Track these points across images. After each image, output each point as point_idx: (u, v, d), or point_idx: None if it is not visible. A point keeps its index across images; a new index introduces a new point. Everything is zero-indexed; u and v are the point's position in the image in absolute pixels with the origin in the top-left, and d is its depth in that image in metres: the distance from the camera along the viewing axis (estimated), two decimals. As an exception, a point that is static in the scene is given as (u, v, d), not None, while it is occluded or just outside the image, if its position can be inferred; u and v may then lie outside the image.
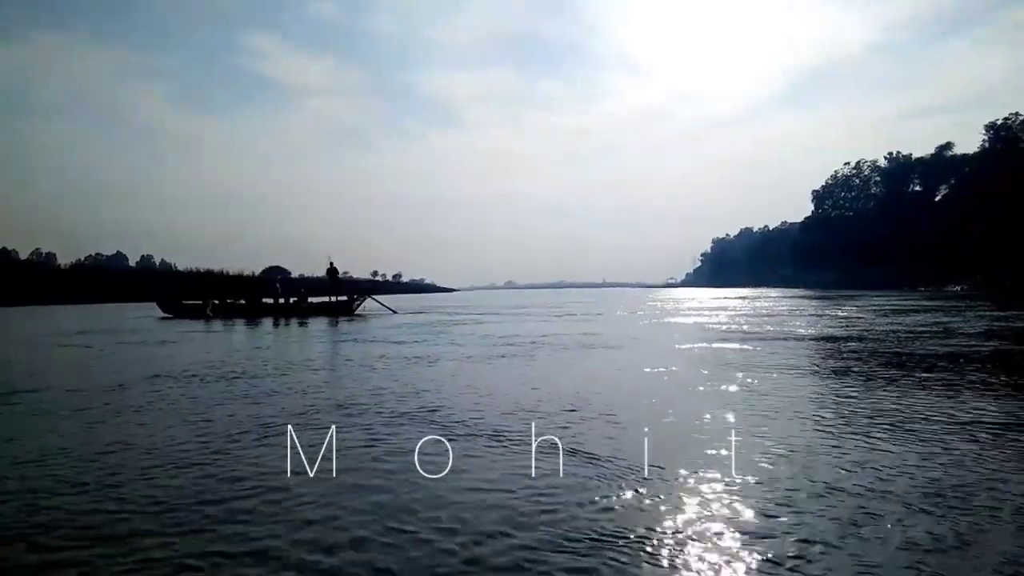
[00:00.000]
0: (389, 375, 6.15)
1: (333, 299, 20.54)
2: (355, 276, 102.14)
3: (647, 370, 6.44)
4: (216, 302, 20.22)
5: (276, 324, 15.49)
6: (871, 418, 3.90)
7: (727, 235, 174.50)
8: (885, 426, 3.68)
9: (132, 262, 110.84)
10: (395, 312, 20.41)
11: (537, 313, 20.89)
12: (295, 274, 62.18)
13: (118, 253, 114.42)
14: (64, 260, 64.98)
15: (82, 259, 80.00)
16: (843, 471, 2.81)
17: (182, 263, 63.12)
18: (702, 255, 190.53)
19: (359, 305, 20.82)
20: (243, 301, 20.39)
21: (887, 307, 19.83)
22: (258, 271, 55.17)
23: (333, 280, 21.71)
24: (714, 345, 8.88)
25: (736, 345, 8.75)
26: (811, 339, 9.62)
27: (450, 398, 4.82)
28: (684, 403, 4.55)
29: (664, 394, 5.03)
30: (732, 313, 18.30)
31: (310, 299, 20.61)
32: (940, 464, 2.91)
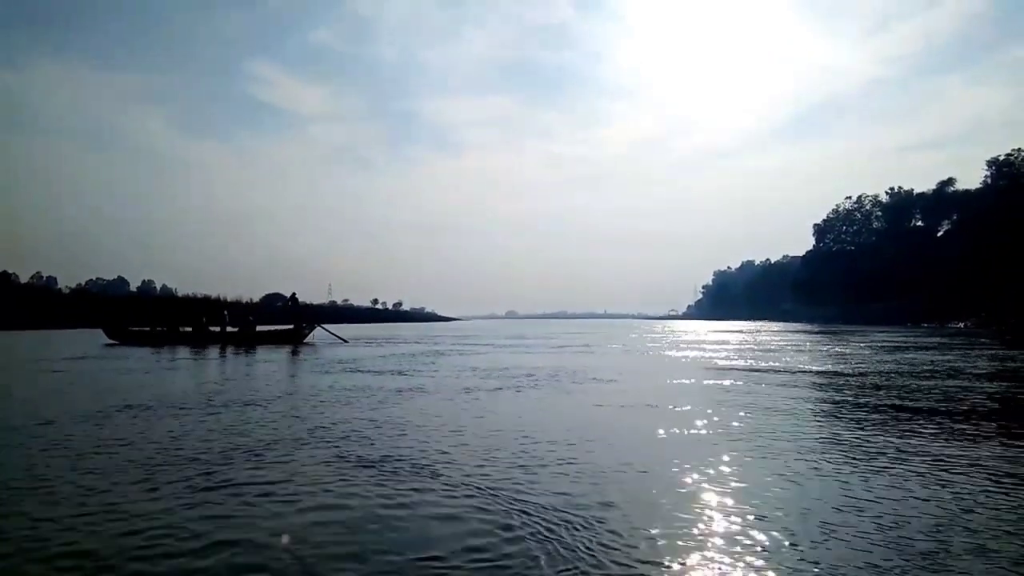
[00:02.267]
0: (354, 408, 5.84)
1: (281, 328, 20.33)
2: (355, 304, 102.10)
3: (630, 408, 6.13)
4: (161, 329, 19.95)
5: (222, 353, 14.76)
6: (862, 466, 3.59)
7: (728, 267, 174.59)
8: (879, 478, 3.36)
9: (133, 287, 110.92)
10: (345, 342, 20.15)
11: (533, 344, 20.55)
12: (294, 301, 61.66)
13: (119, 278, 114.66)
14: (65, 284, 64.92)
15: (83, 283, 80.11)
16: (826, 540, 2.50)
17: (184, 288, 62.72)
18: (703, 287, 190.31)
19: (308, 334, 20.69)
20: (189, 328, 20.08)
21: (889, 343, 19.47)
22: (258, 297, 54.98)
23: (293, 309, 22.50)
24: (707, 381, 8.56)
25: (729, 381, 8.44)
26: (810, 376, 9.29)
27: (407, 435, 4.51)
28: (655, 448, 4.23)
29: (635, 434, 4.71)
30: (730, 347, 17.95)
31: (258, 327, 20.29)
32: (936, 517, 2.60)
